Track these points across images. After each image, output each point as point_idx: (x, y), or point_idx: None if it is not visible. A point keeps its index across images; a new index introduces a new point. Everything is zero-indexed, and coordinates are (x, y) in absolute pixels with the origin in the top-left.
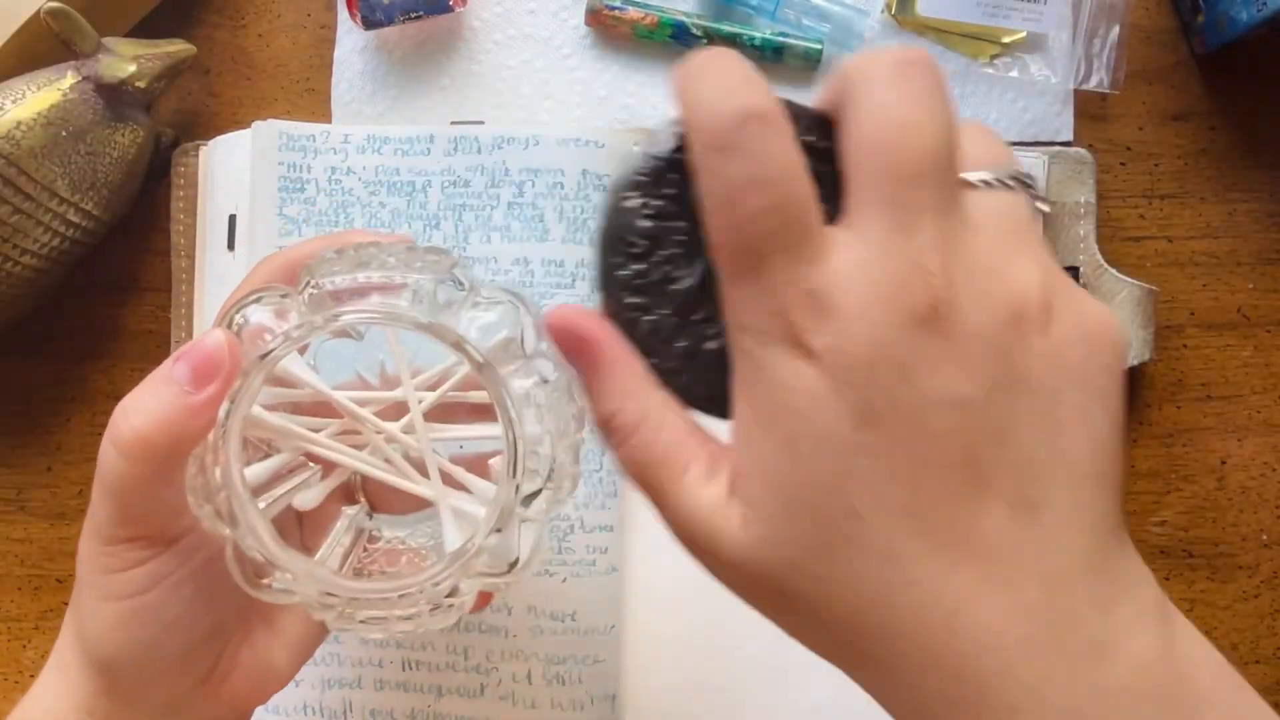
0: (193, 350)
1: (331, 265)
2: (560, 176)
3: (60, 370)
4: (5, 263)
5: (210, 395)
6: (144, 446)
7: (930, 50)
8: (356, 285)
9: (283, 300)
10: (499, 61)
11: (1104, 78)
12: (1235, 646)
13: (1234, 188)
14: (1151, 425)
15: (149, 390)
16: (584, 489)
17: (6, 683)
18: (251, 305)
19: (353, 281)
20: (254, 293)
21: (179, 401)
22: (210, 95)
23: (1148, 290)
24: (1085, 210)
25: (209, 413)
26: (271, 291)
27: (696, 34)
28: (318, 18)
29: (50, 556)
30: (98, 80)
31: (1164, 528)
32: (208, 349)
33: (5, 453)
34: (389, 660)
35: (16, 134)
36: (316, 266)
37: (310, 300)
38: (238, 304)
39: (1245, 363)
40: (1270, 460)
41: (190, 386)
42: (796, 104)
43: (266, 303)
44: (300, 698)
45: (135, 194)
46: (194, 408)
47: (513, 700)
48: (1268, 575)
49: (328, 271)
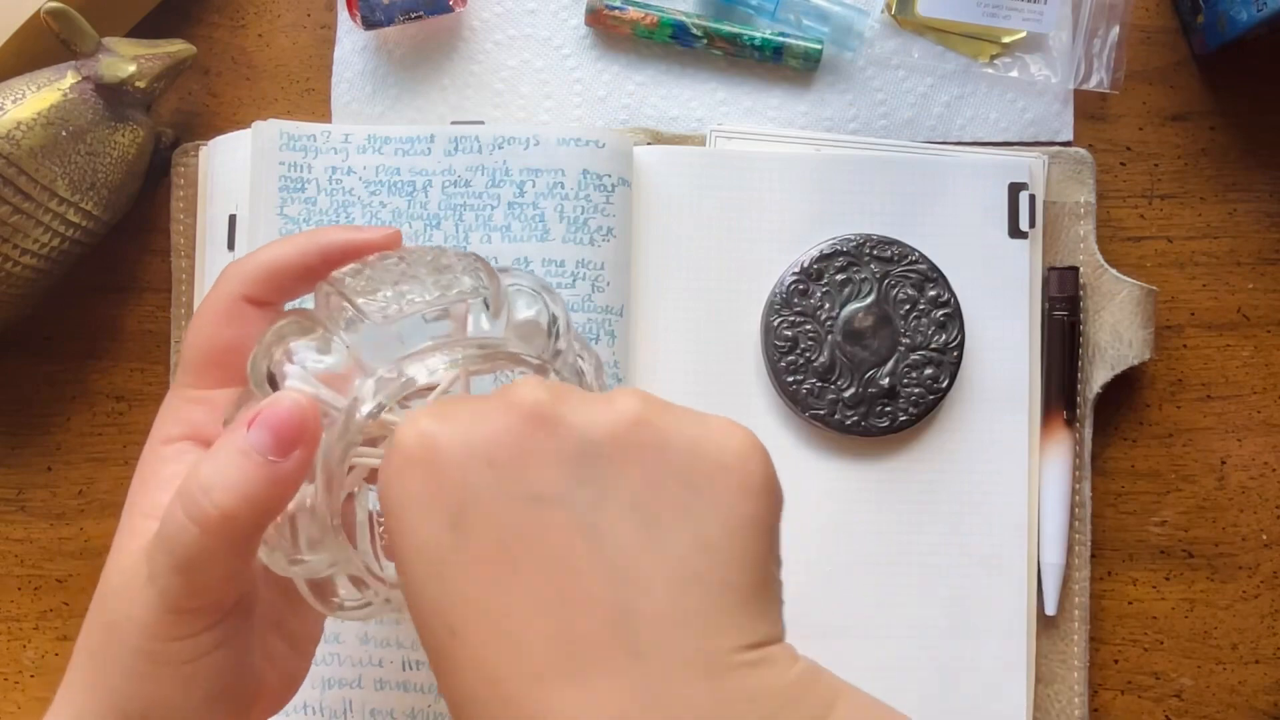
0: (270, 416)
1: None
2: (561, 176)
3: (60, 370)
4: (5, 263)
5: (297, 463)
6: (229, 524)
7: (930, 50)
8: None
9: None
10: (499, 61)
11: (1104, 78)
12: (1235, 646)
13: (1234, 188)
14: (1151, 425)
15: (229, 463)
16: None
17: (6, 683)
18: (294, 344)
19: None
20: (280, 328)
21: (265, 474)
22: (210, 95)
23: (1148, 290)
24: (1085, 210)
25: (296, 480)
26: (296, 324)
27: (696, 34)
28: (318, 18)
29: (50, 556)
30: (98, 80)
31: (1164, 528)
32: (288, 414)
33: (5, 453)
34: (389, 660)
35: (16, 134)
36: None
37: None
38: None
39: (1245, 363)
40: (1270, 460)
41: (275, 455)
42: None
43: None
44: (300, 698)
45: (135, 194)
46: (281, 478)
47: None
48: (1268, 575)
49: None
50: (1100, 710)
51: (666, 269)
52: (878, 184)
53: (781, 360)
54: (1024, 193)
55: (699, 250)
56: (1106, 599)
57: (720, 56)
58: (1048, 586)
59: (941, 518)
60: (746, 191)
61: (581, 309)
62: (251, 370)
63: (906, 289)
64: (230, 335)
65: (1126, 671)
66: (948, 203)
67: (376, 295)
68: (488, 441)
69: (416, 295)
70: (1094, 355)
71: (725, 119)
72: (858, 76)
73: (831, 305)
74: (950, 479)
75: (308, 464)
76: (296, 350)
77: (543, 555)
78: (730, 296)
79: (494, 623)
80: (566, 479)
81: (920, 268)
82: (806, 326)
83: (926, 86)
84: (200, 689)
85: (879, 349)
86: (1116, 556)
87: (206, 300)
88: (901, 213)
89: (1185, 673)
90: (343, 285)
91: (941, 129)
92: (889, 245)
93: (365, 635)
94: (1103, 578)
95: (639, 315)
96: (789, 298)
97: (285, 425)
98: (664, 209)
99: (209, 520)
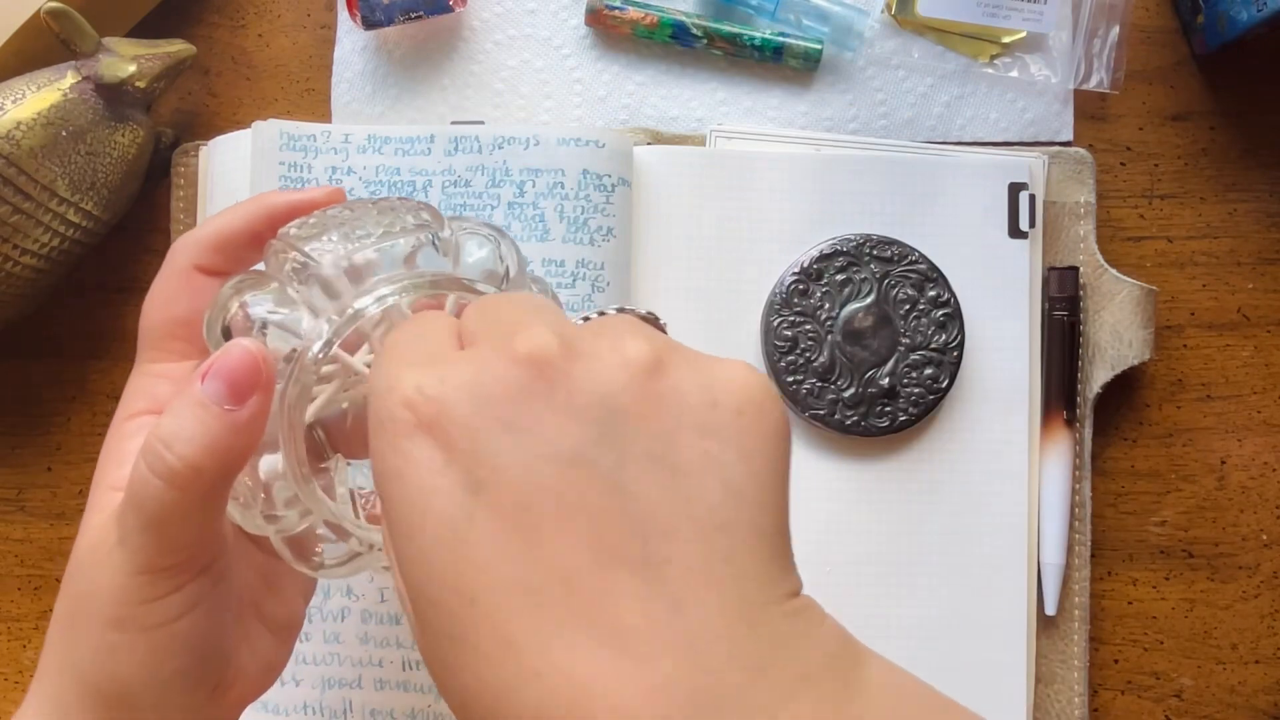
0: (222, 366)
1: (317, 238)
2: (561, 176)
3: (60, 370)
4: (5, 263)
5: (255, 409)
6: (194, 475)
7: (930, 50)
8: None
9: (274, 285)
10: (499, 61)
11: (1104, 78)
12: (1235, 646)
13: (1234, 188)
14: (1151, 425)
15: (187, 415)
16: None
17: (6, 683)
18: (250, 296)
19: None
20: (234, 284)
21: (223, 423)
22: (210, 95)
23: (1148, 290)
24: (1085, 210)
25: (256, 427)
26: (249, 279)
27: (696, 34)
28: (318, 18)
29: (50, 556)
30: (98, 80)
31: (1164, 528)
32: (239, 361)
33: (5, 453)
34: (389, 660)
35: (16, 134)
36: (298, 241)
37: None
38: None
39: (1245, 363)
40: (1270, 460)
41: (231, 404)
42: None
43: (259, 292)
44: (300, 698)
45: (135, 194)
46: (241, 426)
47: None
48: (1268, 575)
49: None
50: (1100, 710)
51: (666, 269)
52: (878, 184)
53: (781, 360)
54: (1024, 193)
55: (699, 250)
56: (1106, 599)
57: (720, 56)
58: (1048, 586)
59: (941, 518)
60: (746, 191)
61: (581, 309)
62: (207, 330)
63: (906, 289)
64: (186, 306)
65: (1126, 671)
66: (948, 203)
67: (321, 239)
68: (498, 399)
69: (362, 233)
70: (1094, 355)
71: (725, 119)
72: (858, 76)
73: (831, 305)
74: (950, 479)
75: (266, 410)
76: (250, 303)
77: (567, 516)
78: (730, 296)
79: (520, 588)
80: (586, 435)
81: (920, 268)
82: (806, 326)
83: (926, 86)
84: (170, 661)
85: (879, 349)
86: (1116, 556)
87: (160, 275)
88: (901, 213)
89: (1185, 673)
90: (289, 237)
91: (941, 129)
92: (889, 245)
93: (365, 635)
94: (1103, 578)
95: None
96: (789, 298)
97: (238, 372)
98: (664, 209)
99: (174, 473)
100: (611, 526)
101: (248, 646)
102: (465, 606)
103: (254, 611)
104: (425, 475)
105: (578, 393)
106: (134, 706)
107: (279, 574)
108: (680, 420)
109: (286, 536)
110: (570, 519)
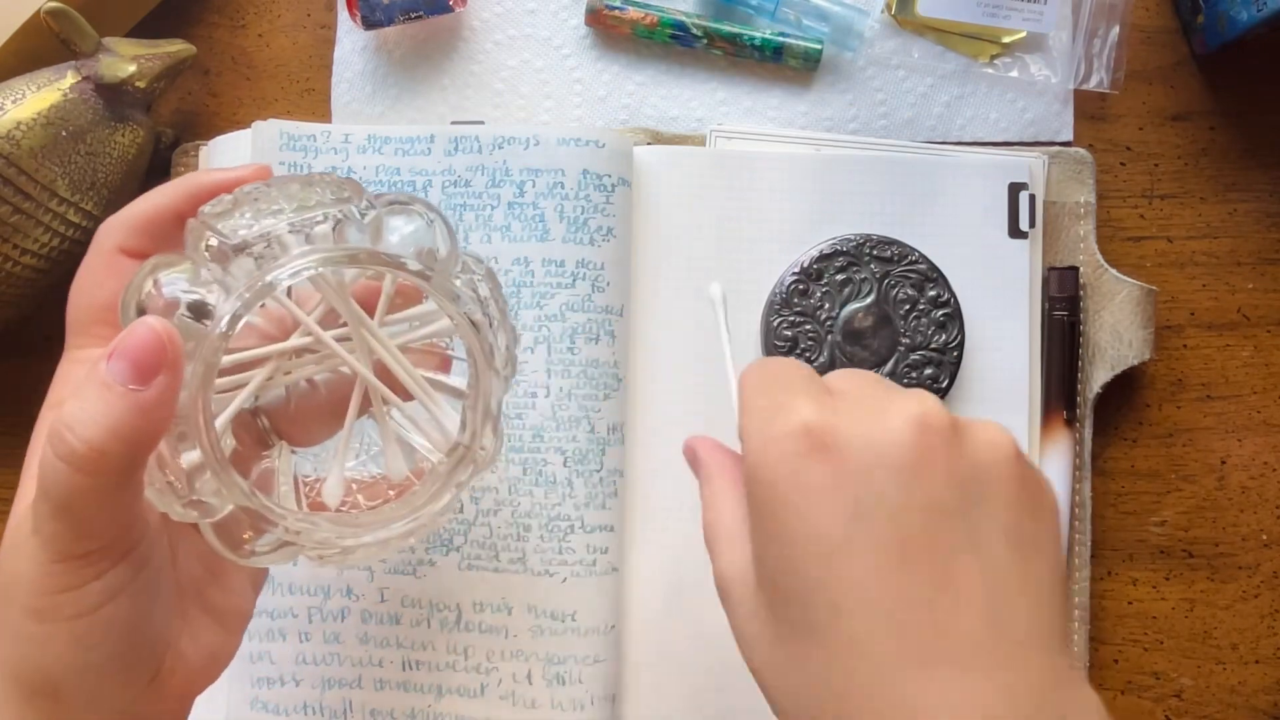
0: (127, 345)
1: (230, 215)
2: (560, 176)
3: None
4: (5, 263)
5: (161, 389)
6: (100, 458)
7: (930, 50)
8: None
9: (187, 264)
10: (499, 61)
11: (1104, 78)
12: (1235, 646)
13: (1234, 188)
14: (1151, 425)
15: (91, 396)
16: (584, 489)
17: None
18: (163, 275)
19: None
20: (149, 265)
21: (127, 403)
22: (210, 95)
23: (1148, 290)
24: (1085, 210)
25: (163, 408)
26: (164, 259)
27: (696, 34)
28: (318, 18)
29: None
30: (98, 80)
31: (1164, 528)
32: (143, 340)
33: (5, 453)
34: (389, 660)
35: (16, 134)
36: (212, 219)
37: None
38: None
39: (1245, 363)
40: (1270, 460)
41: (135, 384)
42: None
43: (172, 271)
44: (300, 698)
45: (135, 194)
46: (146, 407)
47: (513, 700)
48: (1268, 575)
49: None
50: None
51: (666, 269)
52: (878, 184)
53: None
54: (1024, 193)
55: (699, 250)
56: (1106, 599)
57: (720, 56)
58: None
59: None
60: (746, 191)
61: (581, 309)
62: (122, 309)
63: (906, 289)
64: (110, 289)
65: (1126, 671)
66: (948, 203)
67: (235, 216)
68: (891, 446)
69: (276, 209)
70: (1094, 355)
71: (725, 119)
72: (858, 76)
73: (831, 305)
74: None
75: (174, 390)
76: (163, 282)
77: (933, 557)
78: (730, 296)
79: (881, 607)
80: (958, 495)
81: (920, 268)
82: (806, 326)
83: (926, 86)
84: (96, 649)
85: (879, 349)
86: (1116, 556)
87: (85, 259)
88: (901, 213)
89: (1185, 673)
90: (203, 215)
91: (941, 129)
92: (889, 245)
93: (365, 635)
94: (1103, 578)
95: (639, 315)
96: (789, 298)
97: (142, 351)
98: (664, 209)
99: (78, 457)
100: (965, 578)
101: (189, 635)
102: (829, 613)
103: (197, 600)
104: (814, 493)
105: (958, 459)
106: (62, 698)
107: (223, 562)
108: (1025, 503)
109: (213, 524)
110: (933, 561)
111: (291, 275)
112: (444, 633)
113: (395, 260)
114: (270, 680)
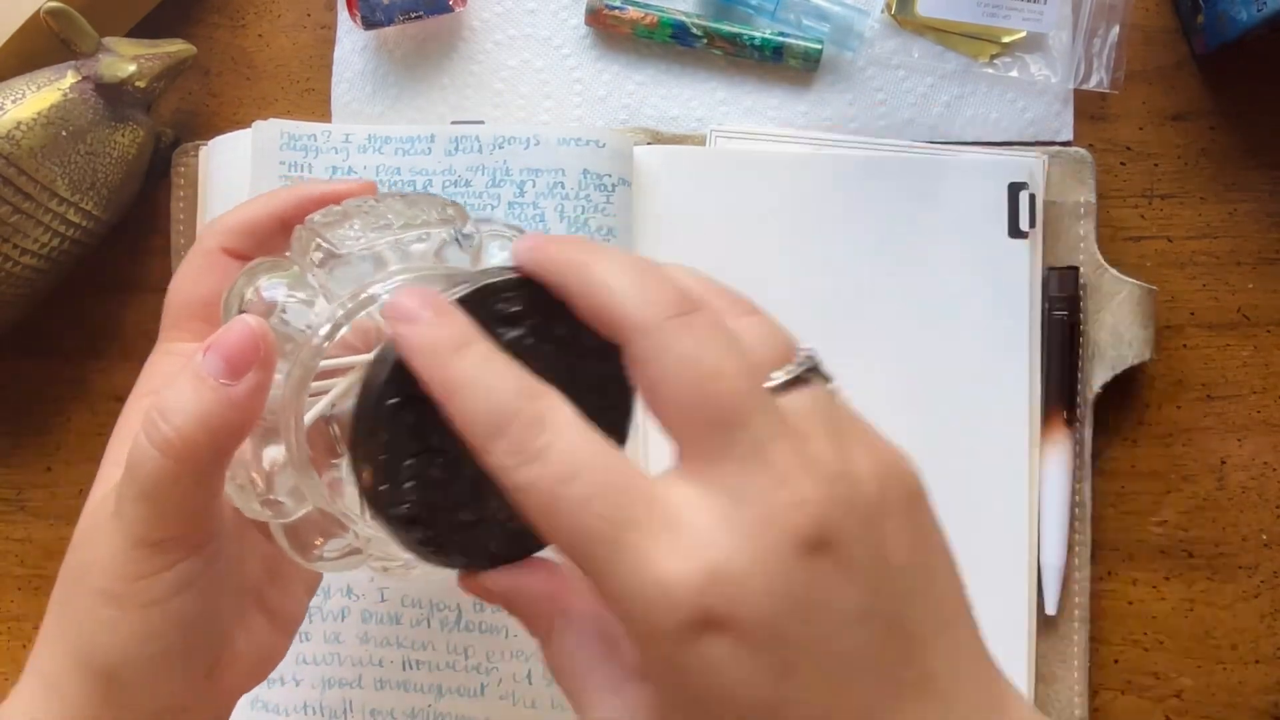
0: (222, 341)
1: (339, 225)
2: (561, 176)
3: (60, 370)
4: (5, 263)
5: (251, 386)
6: (188, 446)
7: (930, 50)
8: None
9: (293, 269)
10: (499, 61)
11: (1104, 78)
12: (1235, 646)
13: (1234, 188)
14: (1151, 425)
15: (185, 387)
16: None
17: (6, 683)
18: (266, 279)
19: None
20: (252, 267)
21: (218, 397)
22: (210, 95)
23: (1148, 290)
24: (1085, 210)
25: (252, 404)
26: (270, 262)
27: (696, 34)
28: (318, 18)
29: (50, 556)
30: (98, 80)
31: (1164, 528)
32: (239, 338)
33: (5, 453)
34: (389, 660)
35: (16, 134)
36: (322, 228)
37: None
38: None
39: (1245, 363)
40: (1270, 460)
41: (227, 378)
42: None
43: (276, 275)
44: (300, 698)
45: (135, 194)
46: (235, 401)
47: (513, 700)
48: (1268, 575)
49: (338, 232)
50: (1100, 710)
51: None
52: (878, 184)
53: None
54: (1024, 192)
55: (699, 250)
56: (1106, 599)
57: (720, 56)
58: (1048, 586)
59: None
60: (746, 191)
61: None
62: (224, 309)
63: None
64: (209, 287)
65: (1126, 671)
66: (947, 202)
67: (344, 227)
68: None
69: (384, 224)
70: (1094, 355)
71: (725, 119)
72: (858, 76)
73: None
74: (950, 479)
75: (264, 387)
76: (265, 286)
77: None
78: None
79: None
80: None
81: None
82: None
83: (926, 86)
84: (160, 640)
85: None
86: (1116, 556)
87: (187, 257)
88: (902, 212)
89: (1185, 673)
90: (312, 223)
91: (941, 129)
92: None
93: (365, 635)
94: (1103, 578)
95: None
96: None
97: (235, 347)
98: (664, 209)
99: (168, 444)
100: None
101: (246, 634)
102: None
103: (256, 600)
104: (729, 671)
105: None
106: (123, 683)
107: (283, 565)
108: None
109: (285, 525)
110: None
111: (394, 290)
112: (444, 632)
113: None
114: (270, 680)
